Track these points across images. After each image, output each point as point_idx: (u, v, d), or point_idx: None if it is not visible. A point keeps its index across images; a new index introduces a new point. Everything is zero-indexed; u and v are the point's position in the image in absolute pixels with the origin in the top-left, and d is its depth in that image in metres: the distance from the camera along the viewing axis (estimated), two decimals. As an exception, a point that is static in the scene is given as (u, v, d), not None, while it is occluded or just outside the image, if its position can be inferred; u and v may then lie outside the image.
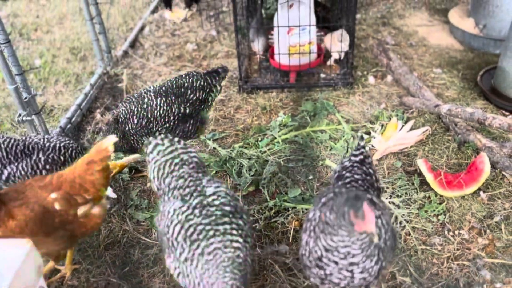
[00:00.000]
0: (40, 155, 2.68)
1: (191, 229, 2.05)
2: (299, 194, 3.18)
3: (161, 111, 3.09)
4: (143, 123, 3.08)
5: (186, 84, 3.18)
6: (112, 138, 2.42)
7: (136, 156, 3.30)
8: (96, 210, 2.49)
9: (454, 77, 4.50)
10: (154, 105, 3.08)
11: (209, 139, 3.79)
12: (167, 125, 3.12)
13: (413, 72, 4.50)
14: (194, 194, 2.18)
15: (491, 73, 4.28)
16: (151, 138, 2.35)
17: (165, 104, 3.09)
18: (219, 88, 3.28)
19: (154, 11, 6.41)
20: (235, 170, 3.41)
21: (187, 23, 6.04)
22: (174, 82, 3.19)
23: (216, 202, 2.15)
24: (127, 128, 3.10)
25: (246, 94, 4.41)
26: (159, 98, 3.10)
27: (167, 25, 6.00)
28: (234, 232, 2.06)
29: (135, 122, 3.08)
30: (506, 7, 4.69)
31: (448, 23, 5.44)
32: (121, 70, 4.91)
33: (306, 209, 3.07)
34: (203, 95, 3.22)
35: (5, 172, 2.59)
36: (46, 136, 2.85)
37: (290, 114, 4.02)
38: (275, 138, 3.74)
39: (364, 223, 1.76)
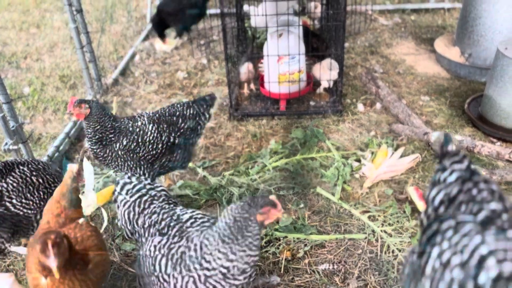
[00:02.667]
0: (21, 167, 2.80)
1: (176, 256, 2.03)
2: (291, 223, 3.14)
3: (150, 137, 3.07)
4: (132, 146, 3.05)
5: (178, 113, 3.18)
6: (73, 167, 2.52)
7: None
8: None
9: (442, 105, 4.56)
10: (145, 130, 3.07)
11: (199, 167, 3.76)
12: (154, 152, 3.10)
13: (401, 100, 4.56)
14: (171, 224, 2.15)
15: (478, 101, 4.35)
16: (118, 178, 2.34)
17: (156, 131, 3.08)
18: (207, 116, 3.28)
19: (145, 39, 6.47)
20: (225, 198, 3.37)
21: (178, 52, 6.09)
22: (167, 110, 3.19)
23: (195, 224, 2.13)
24: (115, 147, 3.06)
25: (237, 122, 4.41)
26: (151, 125, 3.09)
27: (158, 54, 6.04)
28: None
29: (124, 143, 3.05)
30: (491, 36, 4.80)
31: (434, 52, 5.56)
32: (111, 98, 4.90)
33: (298, 238, 3.02)
34: (193, 124, 3.21)
35: None
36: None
37: (280, 141, 4.01)
38: (266, 165, 3.73)
39: None
